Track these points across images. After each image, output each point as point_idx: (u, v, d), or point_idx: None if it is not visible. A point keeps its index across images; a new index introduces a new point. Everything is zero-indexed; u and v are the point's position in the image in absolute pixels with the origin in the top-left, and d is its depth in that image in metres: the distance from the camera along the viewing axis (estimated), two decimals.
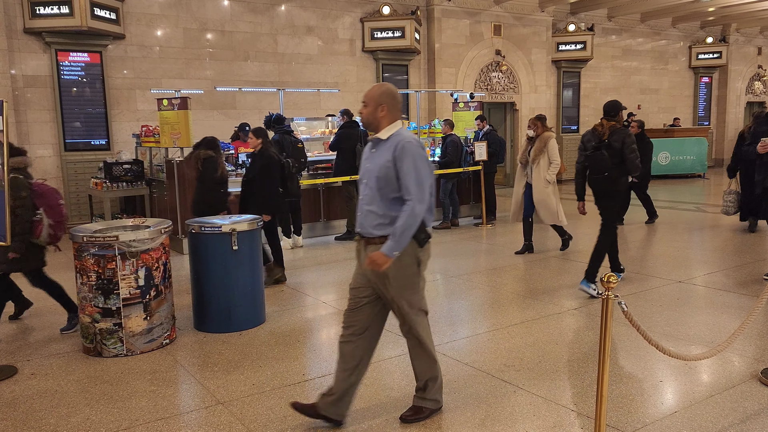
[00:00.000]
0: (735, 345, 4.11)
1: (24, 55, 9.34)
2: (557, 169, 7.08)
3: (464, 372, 3.89)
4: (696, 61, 18.57)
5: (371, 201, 3.04)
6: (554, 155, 7.09)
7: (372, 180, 3.03)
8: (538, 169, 7.12)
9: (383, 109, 3.03)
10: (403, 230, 2.92)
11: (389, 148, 3.00)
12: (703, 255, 7.29)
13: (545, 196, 7.15)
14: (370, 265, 2.96)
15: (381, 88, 3.08)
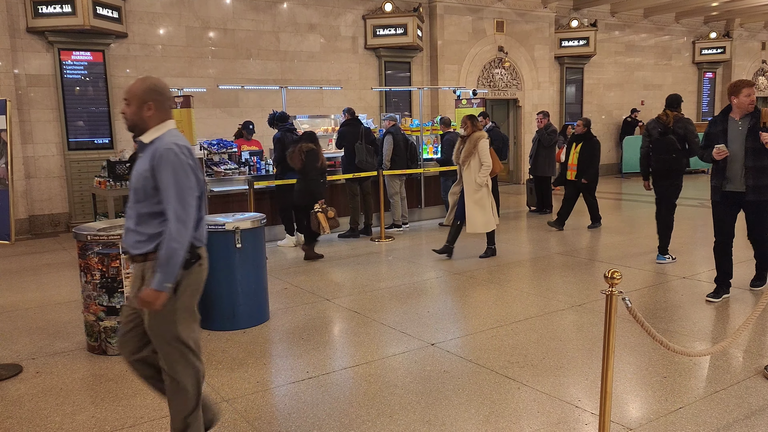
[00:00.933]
0: (739, 341, 4.10)
1: (27, 55, 9.35)
2: (488, 171, 6.64)
3: (468, 368, 3.89)
4: (699, 57, 18.50)
5: (129, 215, 2.65)
6: (485, 156, 6.63)
7: (131, 192, 2.64)
8: (468, 172, 6.68)
9: (149, 108, 2.58)
10: (168, 258, 2.48)
11: (149, 155, 2.56)
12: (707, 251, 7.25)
13: (475, 201, 6.72)
14: (143, 305, 2.55)
15: (145, 83, 2.61)
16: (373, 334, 4.62)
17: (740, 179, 4.91)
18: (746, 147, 4.87)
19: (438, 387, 3.64)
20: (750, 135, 4.87)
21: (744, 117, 4.94)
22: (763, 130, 4.77)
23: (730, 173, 4.97)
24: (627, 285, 5.71)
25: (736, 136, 4.95)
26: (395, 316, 5.04)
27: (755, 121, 4.86)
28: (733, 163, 4.94)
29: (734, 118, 5.00)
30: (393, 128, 8.86)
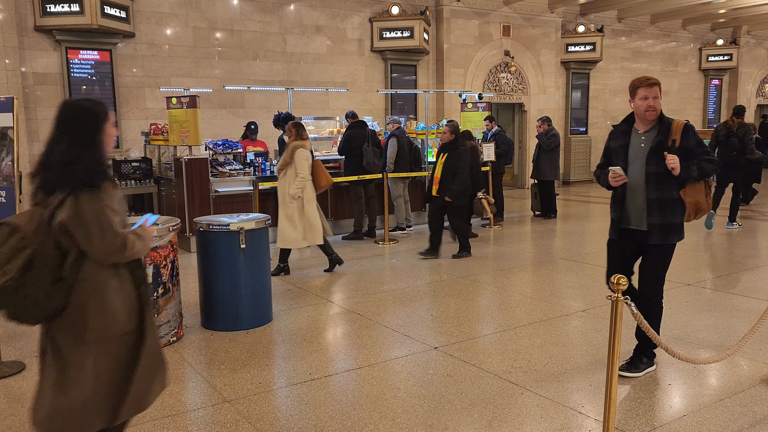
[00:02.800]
0: (745, 349, 4.07)
1: (34, 53, 9.39)
2: (302, 183, 6.19)
3: (471, 373, 3.88)
4: (706, 63, 18.45)
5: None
6: (301, 167, 6.17)
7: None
8: (283, 182, 6.34)
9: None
10: None
11: None
12: (713, 258, 7.24)
13: (287, 215, 6.33)
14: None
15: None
16: (376, 336, 4.61)
17: (642, 214, 3.66)
18: (647, 171, 3.57)
19: (441, 391, 3.62)
20: (653, 156, 3.55)
21: (650, 130, 3.61)
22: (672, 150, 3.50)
23: (630, 205, 3.70)
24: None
25: (637, 155, 3.64)
26: (398, 318, 5.03)
27: (662, 137, 3.54)
28: (634, 191, 3.66)
29: (638, 131, 3.68)
30: (398, 131, 8.85)
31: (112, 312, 2.27)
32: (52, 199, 2.21)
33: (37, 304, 2.17)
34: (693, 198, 3.60)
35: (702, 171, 3.53)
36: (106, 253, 2.23)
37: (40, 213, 2.21)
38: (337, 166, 8.94)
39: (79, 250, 2.21)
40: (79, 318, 2.23)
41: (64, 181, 2.19)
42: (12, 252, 2.15)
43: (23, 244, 2.16)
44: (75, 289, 2.22)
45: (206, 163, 7.81)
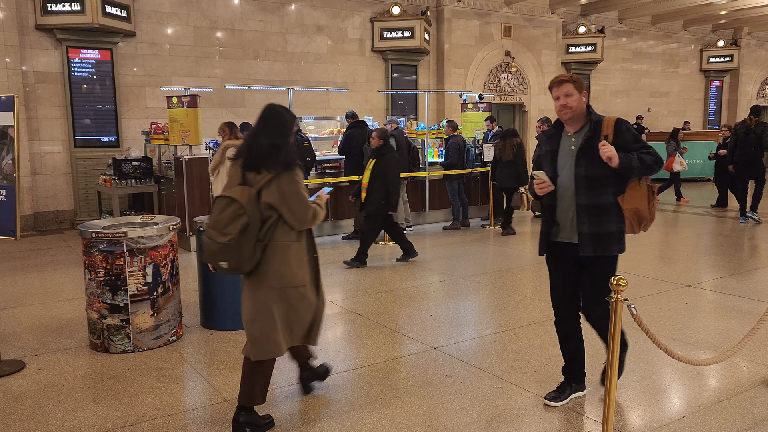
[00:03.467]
0: (744, 350, 4.07)
1: (35, 52, 9.40)
2: None
3: (470, 373, 3.88)
4: (707, 65, 18.46)
5: None
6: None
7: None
8: (216, 181, 6.21)
9: None
10: None
11: None
12: (713, 259, 7.24)
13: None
14: None
15: None
16: (376, 336, 4.61)
17: (572, 224, 3.23)
18: (577, 174, 3.17)
19: (440, 391, 3.62)
20: (582, 157, 3.16)
21: (580, 130, 3.22)
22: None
23: (561, 215, 3.26)
24: (631, 292, 5.69)
25: (568, 160, 3.25)
26: (398, 318, 5.03)
27: (590, 134, 3.16)
28: (563, 200, 3.25)
29: (568, 133, 3.28)
30: (396, 131, 8.85)
31: (292, 268, 3.03)
32: (257, 178, 2.94)
33: (247, 258, 2.92)
34: (632, 205, 3.13)
35: (643, 162, 3.08)
36: (301, 221, 3.00)
37: (249, 190, 2.94)
38: (338, 166, 8.94)
39: (274, 219, 2.96)
40: (268, 270, 2.99)
41: (269, 164, 2.94)
42: (232, 218, 2.88)
43: (240, 212, 2.89)
44: (267, 248, 2.98)
45: (206, 163, 7.81)
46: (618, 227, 3.19)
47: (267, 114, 3.08)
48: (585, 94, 3.22)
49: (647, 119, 16.99)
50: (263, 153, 2.96)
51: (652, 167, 3.12)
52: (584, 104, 3.22)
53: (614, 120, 3.17)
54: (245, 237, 2.89)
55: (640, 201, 3.15)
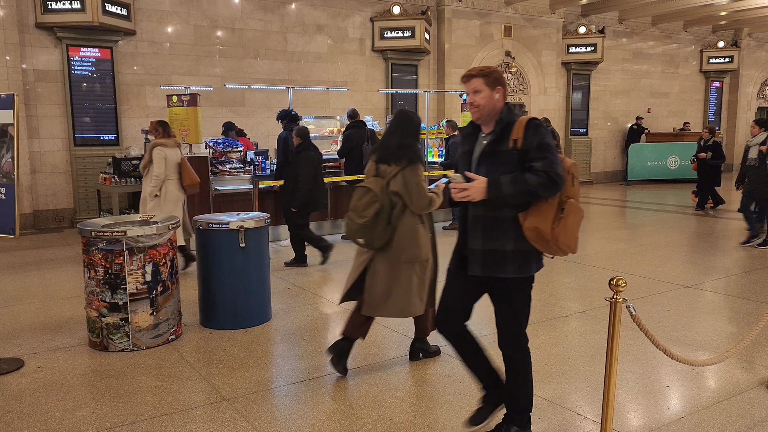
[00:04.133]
0: (743, 351, 4.08)
1: (35, 50, 9.39)
2: (158, 182, 6.20)
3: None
4: (707, 66, 18.46)
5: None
6: (157, 167, 6.20)
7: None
8: (146, 180, 6.39)
9: None
10: None
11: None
12: (712, 260, 7.24)
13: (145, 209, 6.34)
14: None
15: None
16: (375, 336, 4.61)
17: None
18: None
19: (439, 390, 3.62)
20: (483, 162, 2.78)
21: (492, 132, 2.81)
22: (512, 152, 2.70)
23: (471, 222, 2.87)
24: (630, 293, 5.70)
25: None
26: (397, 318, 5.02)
27: (495, 137, 2.76)
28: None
29: (483, 133, 2.88)
30: None
31: (418, 245, 3.65)
32: (388, 170, 3.60)
33: (378, 237, 3.58)
34: (533, 224, 2.66)
35: (520, 187, 2.60)
36: (420, 207, 3.62)
37: (381, 181, 3.60)
38: (337, 165, 8.94)
39: (401, 205, 3.60)
40: (398, 248, 3.62)
41: (398, 159, 3.58)
42: (367, 204, 3.55)
43: (374, 199, 3.55)
44: (397, 230, 3.61)
45: (206, 162, 7.81)
46: (516, 246, 2.73)
47: (399, 118, 3.73)
48: (500, 90, 2.77)
49: (647, 120, 16.99)
50: (393, 150, 3.61)
51: (535, 192, 2.61)
52: (498, 102, 2.77)
53: (525, 121, 2.72)
54: (378, 220, 3.55)
55: (543, 220, 2.66)
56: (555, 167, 2.61)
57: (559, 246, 2.71)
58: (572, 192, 2.72)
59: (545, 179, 2.60)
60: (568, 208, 2.69)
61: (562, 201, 2.70)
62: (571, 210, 2.70)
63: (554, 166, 2.61)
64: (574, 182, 2.74)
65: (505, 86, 2.84)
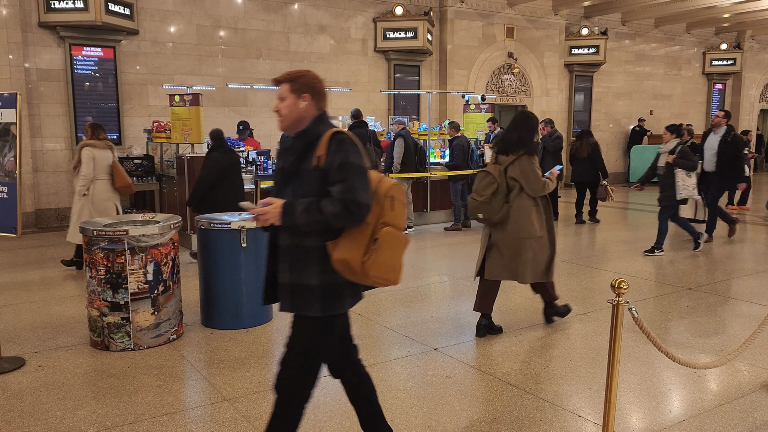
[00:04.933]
0: (745, 354, 4.07)
1: (38, 49, 9.40)
2: (86, 182, 6.33)
3: (471, 375, 3.87)
4: (710, 68, 18.43)
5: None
6: (85, 167, 6.33)
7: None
8: (75, 180, 6.53)
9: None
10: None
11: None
12: (714, 262, 7.23)
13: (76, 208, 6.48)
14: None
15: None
16: (376, 337, 4.61)
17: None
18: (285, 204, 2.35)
19: (440, 392, 3.62)
20: (289, 179, 2.43)
21: (293, 146, 2.49)
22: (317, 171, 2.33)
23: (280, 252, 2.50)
24: (632, 295, 5.69)
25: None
26: (398, 319, 5.03)
27: (298, 154, 2.42)
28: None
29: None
30: (403, 131, 8.86)
31: (532, 223, 4.32)
32: (506, 159, 4.35)
33: (495, 212, 4.31)
34: (341, 255, 2.31)
35: (312, 217, 2.27)
36: (535, 190, 4.32)
37: (499, 167, 4.36)
38: None
39: (518, 188, 4.31)
40: (516, 225, 4.31)
41: (515, 150, 4.33)
42: (487, 185, 4.35)
43: (492, 181, 4.34)
44: (513, 209, 4.31)
45: None
46: (322, 280, 2.36)
47: (519, 118, 4.49)
48: (307, 98, 2.41)
49: (649, 121, 16.97)
50: (512, 142, 4.36)
51: (328, 223, 2.27)
52: (304, 111, 2.42)
53: (328, 136, 2.35)
54: (495, 198, 4.31)
55: (353, 250, 2.32)
56: (355, 193, 2.24)
57: (373, 280, 2.37)
58: (390, 217, 2.35)
59: (340, 209, 2.25)
60: (383, 237, 2.32)
61: (376, 229, 2.34)
62: (387, 239, 2.33)
63: (354, 192, 2.25)
64: (394, 206, 2.37)
65: (319, 94, 2.44)
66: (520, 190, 4.32)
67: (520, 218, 4.30)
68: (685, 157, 7.12)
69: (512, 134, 4.41)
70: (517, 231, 4.32)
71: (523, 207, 4.31)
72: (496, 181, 4.32)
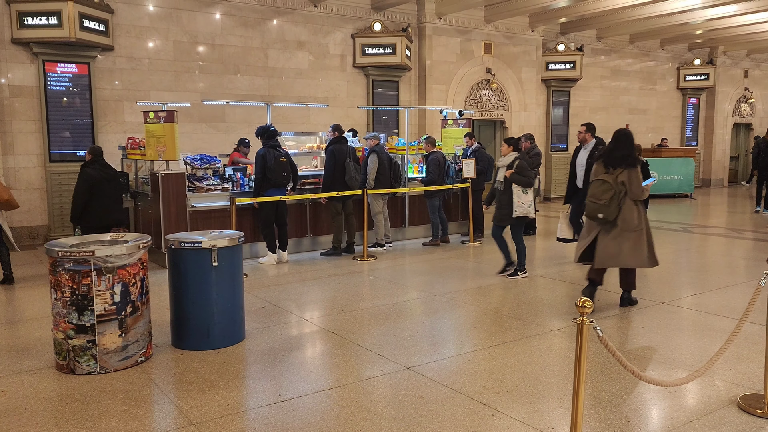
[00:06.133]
0: (715, 369, 4.09)
1: (11, 65, 9.28)
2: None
3: (442, 394, 3.84)
4: (684, 83, 18.78)
5: None
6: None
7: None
8: None
9: None
10: None
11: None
12: (689, 276, 7.29)
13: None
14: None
15: None
16: (349, 356, 4.56)
17: None
18: None
19: (411, 413, 3.58)
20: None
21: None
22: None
23: None
24: (605, 310, 5.71)
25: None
26: (373, 337, 4.98)
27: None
28: None
29: None
30: (377, 147, 8.85)
31: (634, 219, 5.39)
32: (615, 171, 5.35)
33: (612, 213, 5.31)
34: None
35: None
36: (637, 195, 5.35)
37: (612, 176, 5.34)
38: (317, 181, 8.90)
39: (624, 193, 5.32)
40: (623, 221, 5.37)
41: (623, 164, 5.35)
42: (604, 191, 5.31)
43: (609, 188, 5.30)
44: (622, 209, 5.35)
45: (183, 178, 7.73)
46: None
47: (621, 137, 5.50)
48: None
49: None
50: (618, 159, 5.39)
51: None
52: None
53: None
54: (612, 201, 5.28)
55: None
56: None
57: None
58: None
59: None
60: None
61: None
62: None
63: None
64: None
65: None
66: (625, 195, 5.33)
67: (627, 216, 5.34)
68: (522, 173, 6.82)
69: (617, 152, 5.40)
70: (625, 226, 5.36)
71: (628, 207, 5.35)
72: (612, 188, 5.29)
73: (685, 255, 8.54)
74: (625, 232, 5.37)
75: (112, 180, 7.29)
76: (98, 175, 7.10)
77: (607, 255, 5.44)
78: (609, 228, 5.41)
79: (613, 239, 5.40)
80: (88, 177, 7.07)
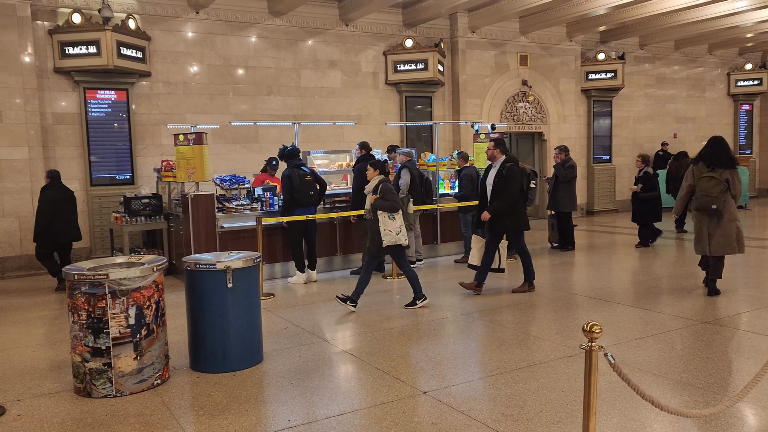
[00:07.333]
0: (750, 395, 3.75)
1: (54, 94, 9.65)
2: None
3: (457, 421, 3.65)
4: (735, 88, 17.97)
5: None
6: None
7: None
8: None
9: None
10: None
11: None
12: (740, 292, 6.84)
13: None
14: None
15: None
16: (365, 379, 4.42)
17: None
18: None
19: None
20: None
21: None
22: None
23: None
24: (641, 330, 5.39)
25: None
26: (393, 360, 4.83)
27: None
28: None
29: None
30: (409, 163, 8.74)
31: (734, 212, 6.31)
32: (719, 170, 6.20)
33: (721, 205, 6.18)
34: None
35: None
36: (737, 191, 6.22)
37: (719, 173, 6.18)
38: (347, 200, 8.85)
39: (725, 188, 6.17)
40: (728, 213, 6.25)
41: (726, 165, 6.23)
42: (714, 185, 6.17)
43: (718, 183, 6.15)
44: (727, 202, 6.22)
45: (212, 199, 7.81)
46: None
47: (716, 142, 6.37)
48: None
49: (673, 145, 16.53)
50: (722, 160, 6.24)
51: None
52: None
53: None
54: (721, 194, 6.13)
55: None
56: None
57: None
58: None
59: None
60: None
61: None
62: None
63: None
64: None
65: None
66: (728, 191, 6.16)
67: (730, 208, 6.23)
68: (385, 197, 6.23)
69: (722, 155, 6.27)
70: (729, 218, 6.23)
71: (729, 201, 6.20)
72: (721, 182, 6.11)
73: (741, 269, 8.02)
74: (728, 223, 6.22)
75: (69, 200, 7.90)
76: (58, 196, 7.72)
77: (720, 244, 6.28)
78: (717, 220, 6.23)
79: (722, 230, 6.25)
80: (49, 198, 7.65)
